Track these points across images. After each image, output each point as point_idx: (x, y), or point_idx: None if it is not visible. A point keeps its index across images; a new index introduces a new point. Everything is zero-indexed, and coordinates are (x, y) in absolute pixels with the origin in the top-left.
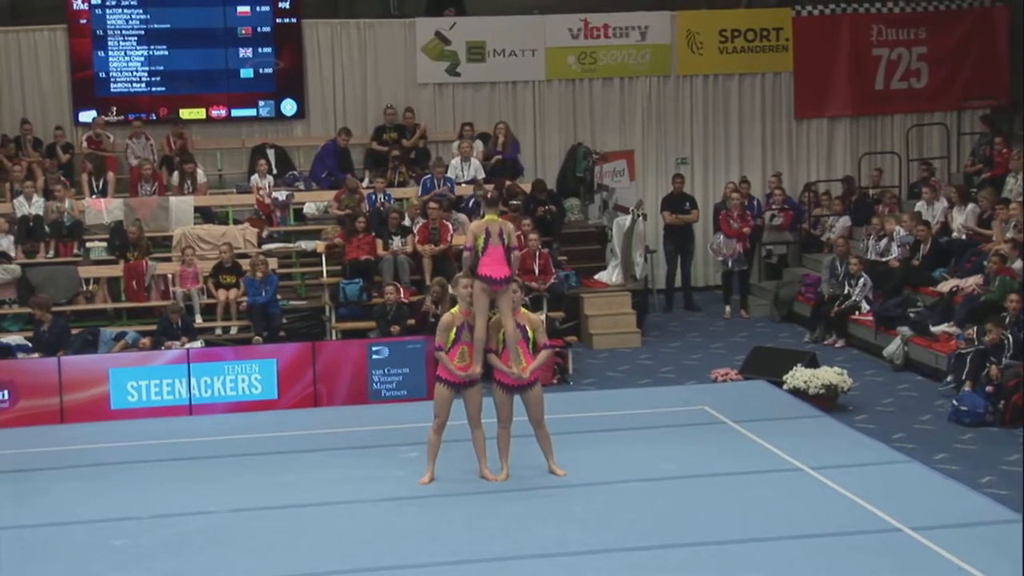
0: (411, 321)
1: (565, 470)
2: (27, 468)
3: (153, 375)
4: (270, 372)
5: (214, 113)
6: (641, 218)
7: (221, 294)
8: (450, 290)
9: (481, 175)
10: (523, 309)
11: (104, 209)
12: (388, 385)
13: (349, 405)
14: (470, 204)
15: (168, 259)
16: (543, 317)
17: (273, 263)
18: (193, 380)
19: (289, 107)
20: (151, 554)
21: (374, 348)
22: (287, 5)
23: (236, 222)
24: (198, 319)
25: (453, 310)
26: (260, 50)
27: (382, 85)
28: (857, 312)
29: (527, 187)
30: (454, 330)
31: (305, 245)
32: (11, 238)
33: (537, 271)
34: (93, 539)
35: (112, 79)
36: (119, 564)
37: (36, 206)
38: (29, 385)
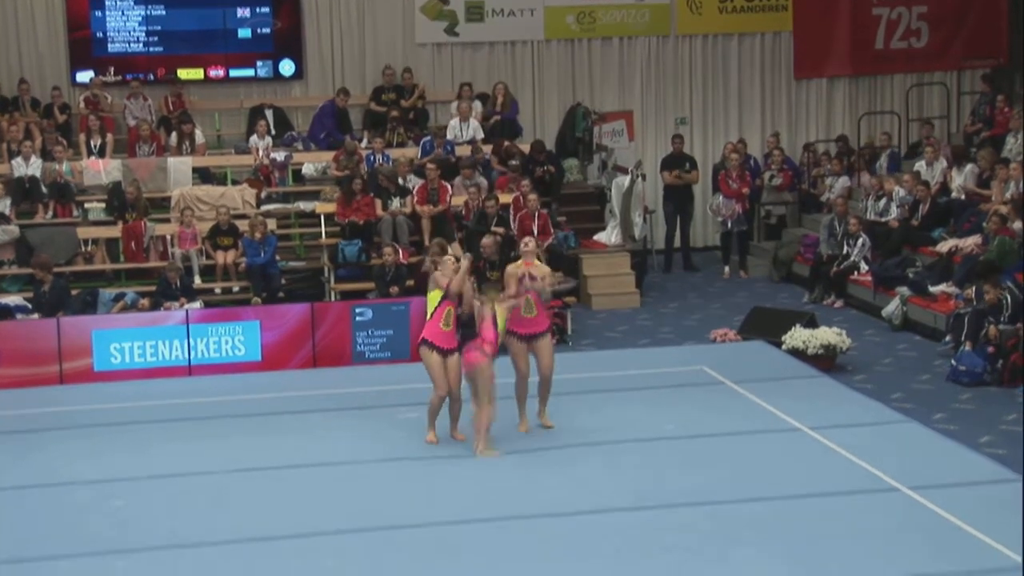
0: (410, 282)
1: (553, 423)
2: (22, 429)
3: (137, 337)
4: (254, 335)
5: (212, 73)
6: (640, 178)
7: (219, 256)
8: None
9: (480, 135)
10: (536, 260)
11: (102, 170)
12: (372, 347)
13: (332, 367)
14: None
15: (167, 220)
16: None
17: (272, 224)
18: (178, 343)
19: (287, 67)
20: (151, 514)
21: (357, 310)
22: None
23: (234, 183)
24: (197, 280)
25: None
26: (258, 10)
27: (380, 45)
28: (856, 272)
29: (526, 148)
30: (439, 292)
31: (304, 206)
32: (8, 200)
33: (536, 231)
34: (92, 499)
35: (109, 39)
36: (119, 524)
37: (34, 167)
38: (11, 349)
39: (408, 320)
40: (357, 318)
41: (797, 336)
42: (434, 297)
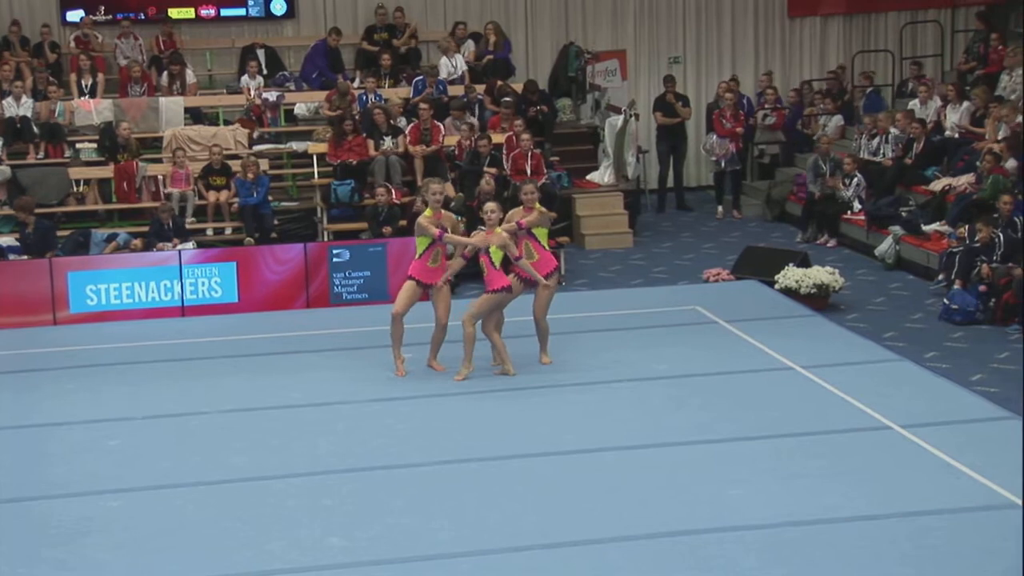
0: (403, 222)
1: (551, 359)
2: (14, 369)
3: (112, 279)
4: (230, 276)
5: (203, 12)
6: (633, 118)
7: (211, 196)
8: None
9: (463, 68)
10: (537, 205)
11: (93, 110)
12: (349, 288)
13: (310, 309)
14: (466, 100)
15: (159, 160)
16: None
17: (264, 164)
18: (153, 284)
19: (279, 6)
20: (147, 454)
21: (335, 251)
22: None
23: (226, 123)
24: (191, 220)
25: (427, 212)
26: None
27: None
28: (849, 211)
29: (519, 87)
30: (427, 239)
31: (296, 146)
32: (0, 140)
33: (529, 171)
34: (88, 439)
35: None
36: (116, 463)
37: (25, 107)
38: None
39: (385, 261)
40: (334, 259)
41: (790, 275)
42: (423, 241)
